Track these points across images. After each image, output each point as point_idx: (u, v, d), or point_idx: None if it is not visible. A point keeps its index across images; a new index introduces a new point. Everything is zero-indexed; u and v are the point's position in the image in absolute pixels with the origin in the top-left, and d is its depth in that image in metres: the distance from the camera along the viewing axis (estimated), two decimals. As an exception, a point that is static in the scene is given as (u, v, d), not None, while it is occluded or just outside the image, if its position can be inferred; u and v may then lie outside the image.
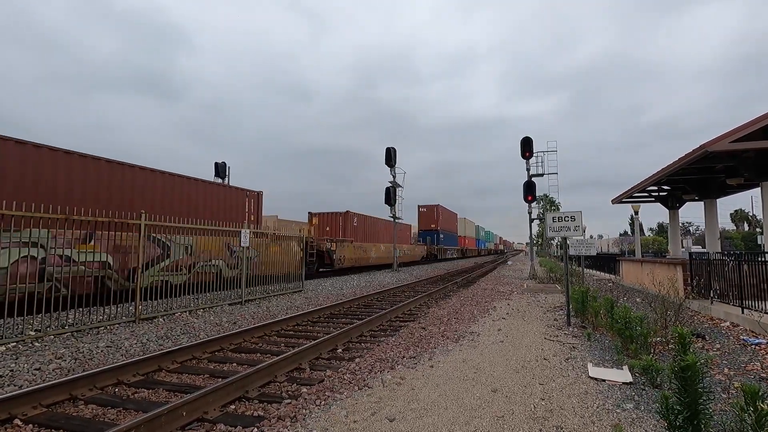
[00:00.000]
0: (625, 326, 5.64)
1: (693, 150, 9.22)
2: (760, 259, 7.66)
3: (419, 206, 40.61)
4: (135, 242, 8.69)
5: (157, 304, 9.29)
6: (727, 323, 8.00)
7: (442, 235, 40.78)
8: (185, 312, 9.38)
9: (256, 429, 3.60)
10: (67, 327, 7.18)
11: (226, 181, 27.72)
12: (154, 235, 9.70)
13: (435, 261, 39.75)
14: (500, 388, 4.42)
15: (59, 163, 9.50)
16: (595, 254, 17.74)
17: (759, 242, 42.03)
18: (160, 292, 9.46)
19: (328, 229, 24.39)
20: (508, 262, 44.24)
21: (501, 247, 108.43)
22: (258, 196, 16.07)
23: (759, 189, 9.78)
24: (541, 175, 21.73)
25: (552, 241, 51.26)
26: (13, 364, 5.38)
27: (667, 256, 17.53)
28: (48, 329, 6.89)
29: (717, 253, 9.74)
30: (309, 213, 25.16)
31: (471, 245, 58.73)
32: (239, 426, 3.70)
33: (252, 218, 15.62)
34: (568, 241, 9.24)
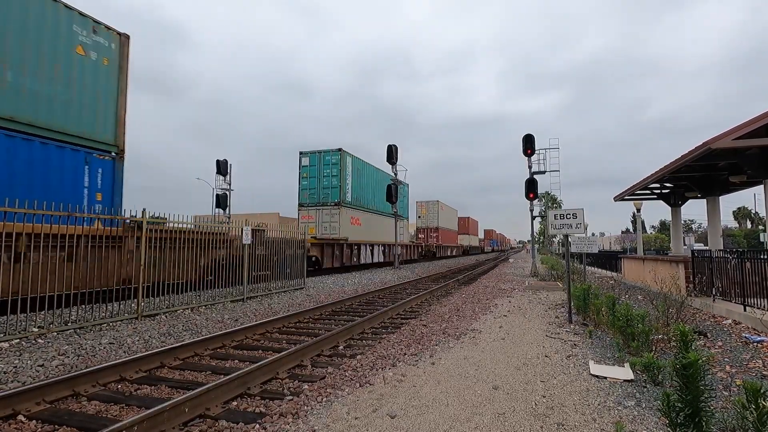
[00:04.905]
0: (627, 324, 5.63)
1: (696, 147, 9.17)
2: (762, 256, 7.64)
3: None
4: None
5: (159, 301, 9.31)
6: (729, 321, 7.99)
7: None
8: (187, 309, 9.40)
9: (258, 425, 3.62)
10: (70, 324, 7.21)
11: (228, 179, 27.66)
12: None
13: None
14: (501, 385, 4.43)
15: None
16: (596, 252, 17.71)
17: (761, 240, 41.94)
18: (162, 289, 9.48)
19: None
20: (510, 260, 44.21)
21: (476, 243, 63.07)
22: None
23: (762, 186, 9.73)
24: (543, 172, 21.62)
25: (554, 239, 51.22)
26: (17, 361, 5.40)
27: (669, 254, 17.50)
28: (51, 326, 6.91)
29: (719, 250, 9.71)
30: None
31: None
32: (241, 422, 3.71)
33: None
34: (569, 239, 9.22)
